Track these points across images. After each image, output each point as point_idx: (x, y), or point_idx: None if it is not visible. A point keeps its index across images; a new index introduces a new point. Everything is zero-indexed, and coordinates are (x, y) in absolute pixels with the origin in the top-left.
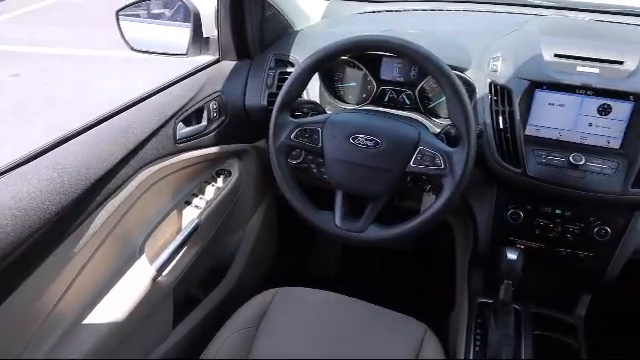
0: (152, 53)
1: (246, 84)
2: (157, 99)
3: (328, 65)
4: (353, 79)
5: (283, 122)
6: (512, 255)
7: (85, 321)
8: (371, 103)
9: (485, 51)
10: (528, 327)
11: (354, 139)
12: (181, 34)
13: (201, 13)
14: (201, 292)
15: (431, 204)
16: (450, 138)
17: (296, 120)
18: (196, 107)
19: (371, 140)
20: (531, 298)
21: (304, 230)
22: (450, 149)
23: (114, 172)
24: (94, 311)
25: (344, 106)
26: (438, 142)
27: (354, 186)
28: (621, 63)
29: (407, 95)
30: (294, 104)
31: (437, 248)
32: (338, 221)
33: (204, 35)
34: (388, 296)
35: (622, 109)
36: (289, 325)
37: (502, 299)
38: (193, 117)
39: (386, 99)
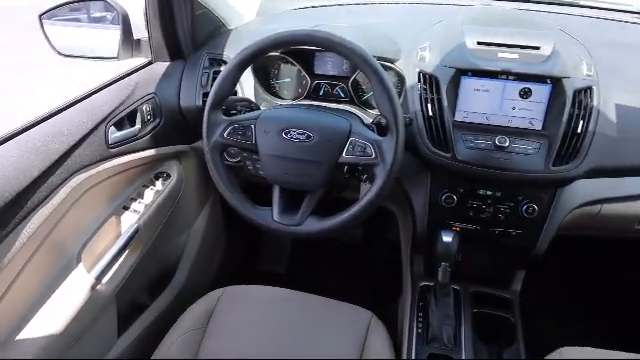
0: (81, 57)
1: (180, 85)
2: (86, 104)
3: (257, 62)
4: (288, 75)
5: (215, 121)
6: (447, 238)
7: (20, 336)
8: (307, 98)
9: (414, 42)
10: (467, 305)
11: (287, 134)
12: (112, 37)
13: (134, 14)
14: (147, 297)
15: (365, 193)
16: (381, 128)
17: (229, 118)
18: (128, 110)
19: (303, 134)
20: (470, 278)
21: (252, 228)
22: (380, 138)
23: (41, 180)
24: (29, 324)
25: (280, 102)
26: (369, 132)
27: (289, 180)
28: (538, 48)
29: (341, 88)
30: (227, 102)
31: (384, 237)
32: (276, 216)
33: (135, 37)
34: (339, 288)
35: (541, 92)
36: (236, 324)
37: (441, 281)
38: (126, 121)
39: (321, 93)
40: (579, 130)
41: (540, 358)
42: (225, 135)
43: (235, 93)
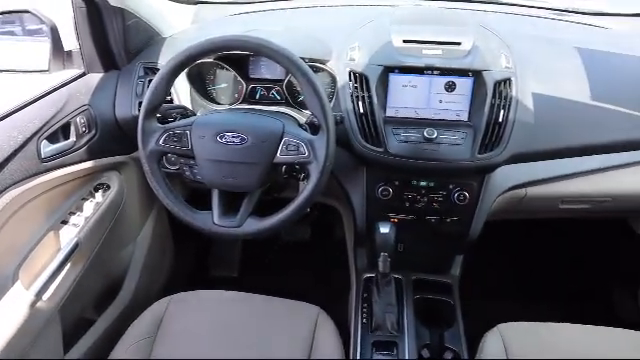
0: (9, 71)
1: (115, 95)
2: (16, 118)
3: (192, 69)
4: (223, 80)
5: (150, 129)
6: (384, 229)
7: None
8: (243, 102)
9: (344, 43)
10: (409, 293)
11: (221, 137)
12: (44, 50)
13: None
14: (94, 312)
15: (301, 190)
16: (314, 127)
17: (163, 125)
18: (61, 123)
19: (237, 137)
20: (412, 267)
21: (200, 235)
22: (313, 137)
23: None
24: None
25: (217, 107)
26: (301, 132)
27: (226, 183)
28: (459, 44)
29: (277, 91)
30: (163, 111)
31: (332, 234)
32: (216, 219)
33: (67, 48)
34: (291, 287)
35: (464, 85)
36: (186, 330)
37: (381, 271)
38: (59, 134)
39: (257, 97)
40: (500, 119)
41: (479, 335)
42: (161, 142)
43: (171, 101)
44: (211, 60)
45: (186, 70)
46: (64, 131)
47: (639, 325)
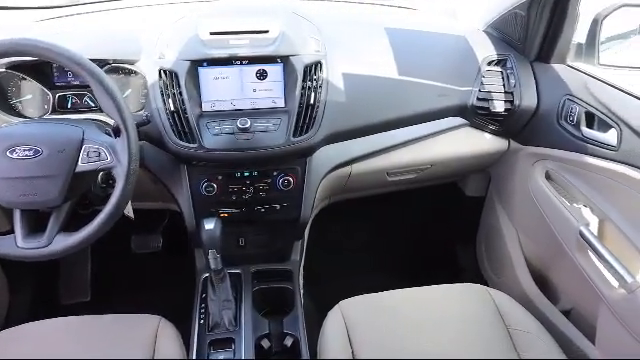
0: None
1: None
2: None
3: None
4: (28, 91)
5: None
6: (209, 225)
7: None
8: (54, 112)
9: (155, 40)
10: (247, 285)
11: (12, 152)
12: None
13: None
14: None
15: (110, 198)
16: (117, 130)
17: None
18: None
19: (30, 149)
20: (255, 259)
21: (39, 267)
22: (113, 140)
23: None
24: None
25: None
26: (102, 136)
27: (27, 201)
28: (267, 32)
29: (90, 98)
30: None
31: (183, 240)
32: (19, 241)
33: None
34: (144, 299)
35: (275, 71)
36: None
37: (213, 268)
38: None
39: (69, 105)
40: (312, 101)
41: (321, 315)
42: None
43: None
44: (6, 70)
45: None
46: None
47: (481, 278)
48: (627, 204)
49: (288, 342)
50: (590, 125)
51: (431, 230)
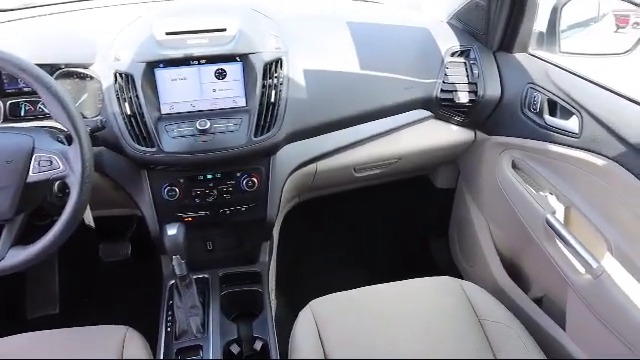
0: None
1: None
2: None
3: None
4: None
5: None
6: (172, 230)
7: None
8: (6, 121)
9: (111, 43)
10: (215, 290)
11: None
12: None
13: None
14: None
15: (65, 208)
16: (70, 137)
17: None
18: None
19: None
20: (224, 262)
21: (2, 277)
22: (65, 148)
23: None
24: None
25: None
26: (54, 144)
27: None
28: (224, 30)
29: (44, 104)
30: None
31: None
32: None
33: None
34: (114, 309)
35: (234, 70)
36: None
37: (178, 274)
38: None
39: (23, 113)
40: (273, 99)
41: (294, 316)
42: None
43: None
44: None
45: None
46: None
47: (456, 270)
48: (590, 190)
49: (258, 346)
50: (553, 113)
51: (404, 224)
